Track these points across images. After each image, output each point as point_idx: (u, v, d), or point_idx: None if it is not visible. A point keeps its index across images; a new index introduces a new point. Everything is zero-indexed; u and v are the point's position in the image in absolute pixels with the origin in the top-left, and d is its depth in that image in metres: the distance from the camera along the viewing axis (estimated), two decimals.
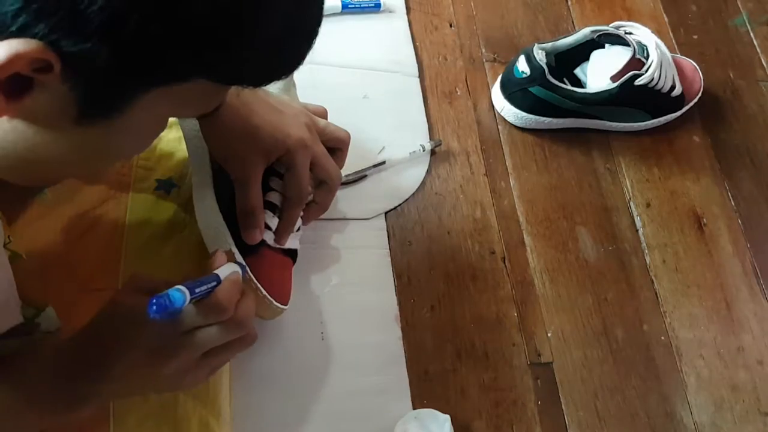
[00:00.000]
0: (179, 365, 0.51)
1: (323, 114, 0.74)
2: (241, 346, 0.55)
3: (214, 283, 0.51)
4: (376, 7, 0.95)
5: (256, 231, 0.65)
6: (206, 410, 0.64)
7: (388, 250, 0.80)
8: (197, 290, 0.48)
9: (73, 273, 0.65)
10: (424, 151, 0.86)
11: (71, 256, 0.65)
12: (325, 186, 0.71)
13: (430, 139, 0.88)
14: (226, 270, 0.54)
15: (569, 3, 1.04)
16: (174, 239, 0.72)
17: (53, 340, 0.54)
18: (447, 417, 0.69)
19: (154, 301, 0.45)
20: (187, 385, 0.54)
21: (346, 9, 0.94)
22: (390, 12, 0.96)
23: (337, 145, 0.72)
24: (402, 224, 0.82)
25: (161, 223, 0.72)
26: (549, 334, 0.79)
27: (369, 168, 0.82)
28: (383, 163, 0.83)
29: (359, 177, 0.82)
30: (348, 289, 0.76)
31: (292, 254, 0.71)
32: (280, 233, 0.68)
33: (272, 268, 0.68)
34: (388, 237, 0.81)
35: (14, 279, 0.51)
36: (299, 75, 0.51)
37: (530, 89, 0.86)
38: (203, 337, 0.51)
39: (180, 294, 0.46)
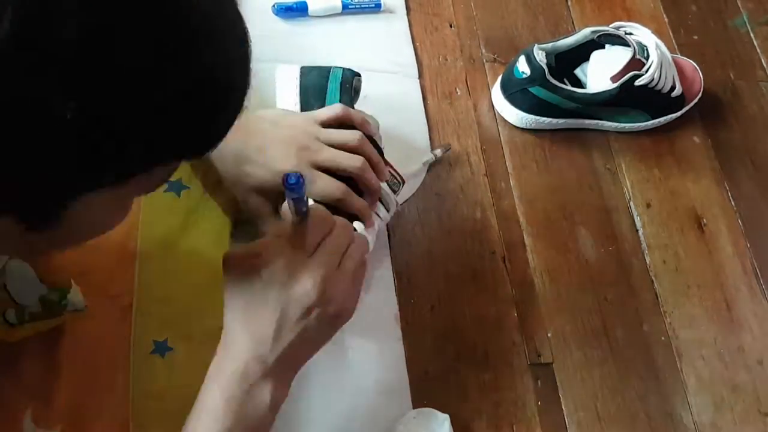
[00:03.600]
0: (327, 286, 0.53)
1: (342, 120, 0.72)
2: (360, 246, 0.58)
3: (308, 199, 0.53)
4: (377, 8, 0.95)
5: None
6: None
7: (388, 250, 0.80)
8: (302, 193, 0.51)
9: (87, 280, 0.64)
10: (436, 158, 0.85)
11: (84, 264, 0.64)
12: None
13: (430, 139, 0.88)
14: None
15: (569, 3, 1.04)
16: (187, 241, 0.72)
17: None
18: (446, 416, 0.68)
19: (294, 178, 0.48)
20: (351, 305, 0.57)
21: (346, 9, 0.94)
22: (390, 12, 0.96)
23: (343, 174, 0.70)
24: (402, 224, 0.82)
25: (174, 225, 0.72)
26: (549, 334, 0.79)
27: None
28: (403, 181, 0.83)
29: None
30: None
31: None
32: None
33: None
34: (388, 237, 0.81)
35: (36, 266, 0.53)
36: None
37: (530, 90, 0.87)
38: (329, 247, 0.54)
39: (297, 173, 0.49)
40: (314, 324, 0.53)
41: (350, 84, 0.78)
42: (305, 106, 0.77)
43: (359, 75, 0.80)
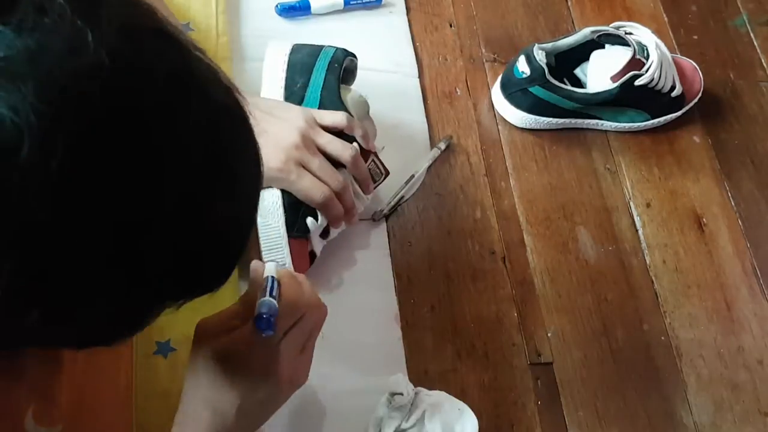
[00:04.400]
0: (289, 370, 0.55)
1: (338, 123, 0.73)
2: (320, 322, 0.59)
3: (275, 283, 0.53)
4: (377, 2, 0.95)
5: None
6: None
7: (388, 250, 0.80)
8: (273, 294, 0.52)
9: None
10: (441, 151, 0.86)
11: None
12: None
13: (430, 139, 0.88)
14: (270, 269, 0.56)
15: (569, 3, 1.04)
16: None
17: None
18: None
19: (264, 318, 0.49)
20: (299, 383, 0.59)
21: (348, 5, 0.94)
22: (390, 9, 0.96)
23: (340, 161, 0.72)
24: (402, 224, 0.82)
25: None
26: (549, 334, 0.79)
27: (403, 188, 0.82)
28: (412, 176, 0.83)
29: (398, 201, 0.82)
30: (348, 289, 0.76)
31: (312, 257, 0.75)
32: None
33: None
34: (388, 237, 0.81)
35: None
36: None
37: (530, 89, 0.87)
38: (296, 334, 0.55)
39: (270, 302, 0.51)
40: (273, 400, 0.56)
41: (339, 64, 0.76)
42: (290, 82, 0.76)
43: (353, 56, 0.79)
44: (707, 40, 1.05)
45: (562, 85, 0.87)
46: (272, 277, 0.54)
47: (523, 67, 0.86)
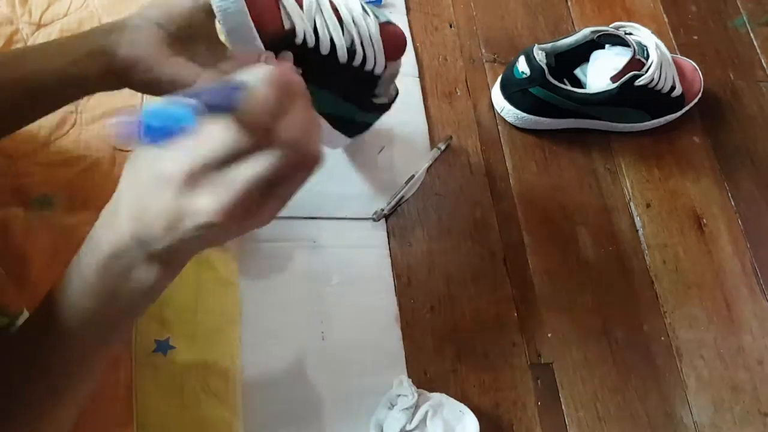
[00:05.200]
0: (235, 210, 0.38)
1: None
2: (309, 173, 0.40)
3: (238, 90, 0.36)
4: (377, 3, 0.95)
5: None
6: (227, 410, 0.65)
7: (388, 250, 0.80)
8: (212, 100, 0.34)
9: None
10: (441, 151, 0.86)
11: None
12: None
13: (430, 139, 0.88)
14: (256, 72, 0.38)
15: (569, 3, 1.04)
16: None
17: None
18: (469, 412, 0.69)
19: (148, 117, 0.31)
20: (258, 225, 0.42)
21: None
22: (390, 9, 0.97)
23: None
24: (402, 224, 0.82)
25: None
26: (549, 335, 0.79)
27: (403, 188, 0.82)
28: (412, 177, 0.83)
29: (398, 201, 0.82)
30: (348, 289, 0.76)
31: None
32: None
33: None
34: (388, 237, 0.81)
35: None
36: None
37: (530, 90, 0.87)
38: (255, 170, 0.38)
39: (176, 103, 0.33)
40: (211, 236, 0.41)
41: None
42: None
43: None
44: (707, 40, 1.05)
45: (562, 86, 0.87)
46: (242, 80, 0.37)
47: (523, 67, 0.86)
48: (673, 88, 0.90)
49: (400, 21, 0.96)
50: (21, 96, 0.57)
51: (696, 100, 0.95)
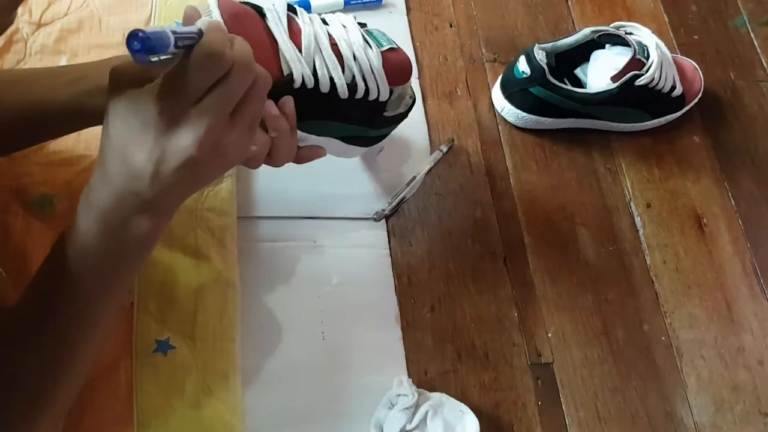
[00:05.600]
0: (209, 137, 0.45)
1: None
2: (261, 89, 0.48)
3: (195, 33, 0.44)
4: (377, 2, 0.95)
5: None
6: (227, 410, 0.65)
7: (388, 250, 0.80)
8: (179, 32, 0.42)
9: None
10: (443, 153, 0.86)
11: None
12: None
13: (430, 139, 0.88)
14: (202, 22, 0.46)
15: (569, 3, 1.04)
16: (188, 241, 0.72)
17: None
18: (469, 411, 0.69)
19: (137, 35, 0.38)
20: (240, 154, 0.49)
21: (348, 5, 0.94)
22: (390, 9, 0.97)
23: None
24: (402, 224, 0.82)
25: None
26: (549, 335, 0.79)
27: (404, 188, 0.82)
28: (414, 178, 0.83)
29: (399, 202, 0.82)
30: (348, 289, 0.76)
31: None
32: None
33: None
34: (388, 237, 0.81)
35: None
36: None
37: (530, 89, 0.86)
38: (218, 96, 0.45)
39: (160, 28, 0.40)
40: (195, 173, 0.46)
41: None
42: None
43: None
44: (707, 40, 1.05)
45: (563, 85, 0.87)
46: (197, 27, 0.44)
47: (523, 67, 0.86)
48: (673, 87, 0.90)
49: (400, 21, 0.96)
50: (28, 122, 0.59)
51: (696, 100, 0.95)
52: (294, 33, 0.57)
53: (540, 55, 0.85)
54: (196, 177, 0.47)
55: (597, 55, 0.90)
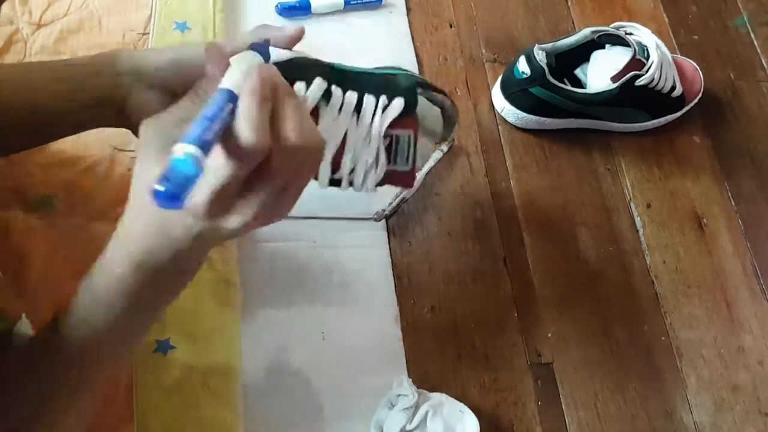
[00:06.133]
0: (257, 222, 0.41)
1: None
2: (309, 175, 0.43)
3: (230, 104, 0.35)
4: (378, 2, 0.95)
5: None
6: (227, 410, 0.65)
7: (388, 251, 0.80)
8: (209, 137, 0.34)
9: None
10: (444, 152, 0.86)
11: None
12: None
13: None
14: (236, 73, 0.37)
15: (569, 3, 1.04)
16: None
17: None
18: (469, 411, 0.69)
19: (161, 193, 0.32)
20: (277, 218, 0.44)
21: (348, 5, 0.94)
22: (390, 9, 0.97)
23: None
24: (402, 224, 0.82)
25: None
26: (549, 335, 0.79)
27: (404, 189, 0.82)
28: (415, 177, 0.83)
29: (400, 202, 0.82)
30: (348, 289, 0.76)
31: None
32: None
33: None
34: (388, 237, 0.81)
35: None
36: None
37: (530, 90, 0.86)
38: (266, 186, 0.39)
39: (190, 160, 0.32)
40: (209, 237, 0.43)
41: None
42: None
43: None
44: (707, 40, 1.05)
45: (563, 86, 0.87)
46: (227, 89, 0.36)
47: (523, 67, 0.86)
48: (673, 88, 0.90)
49: (400, 21, 0.96)
50: (25, 122, 0.58)
51: (696, 100, 0.95)
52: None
53: (540, 56, 0.85)
54: (211, 239, 0.44)
55: (597, 56, 0.90)
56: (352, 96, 0.54)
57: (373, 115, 0.56)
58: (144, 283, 0.43)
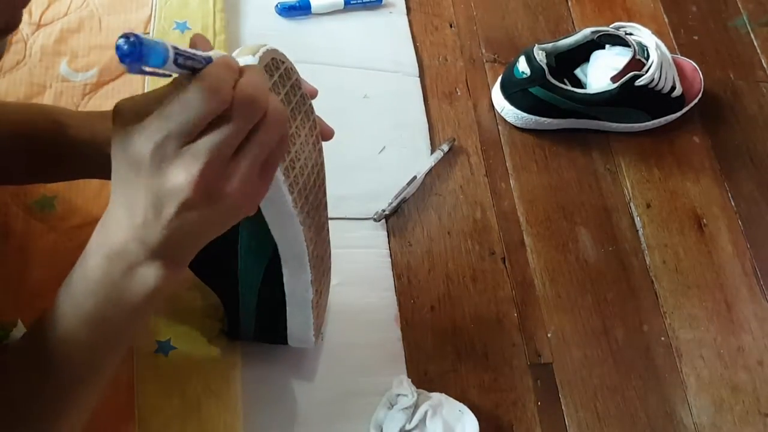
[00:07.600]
0: (207, 178, 0.40)
1: None
2: (272, 130, 0.42)
3: (203, 58, 0.39)
4: (378, 2, 0.95)
5: None
6: (227, 411, 0.65)
7: (388, 250, 0.80)
8: (183, 51, 0.37)
9: None
10: (444, 153, 0.86)
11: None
12: None
13: (431, 139, 0.88)
14: (216, 53, 0.42)
15: (569, 3, 1.04)
16: None
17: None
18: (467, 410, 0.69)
19: (130, 38, 0.33)
20: (251, 199, 0.43)
21: (348, 5, 0.94)
22: (390, 9, 0.97)
23: None
24: (402, 224, 0.82)
25: None
26: (549, 335, 0.79)
27: (405, 188, 0.82)
28: (414, 177, 0.83)
29: (400, 202, 0.82)
30: (348, 289, 0.76)
31: None
32: None
33: None
34: (388, 237, 0.81)
35: None
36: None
37: (530, 90, 0.87)
38: (215, 135, 0.39)
39: (158, 41, 0.35)
40: (198, 219, 0.42)
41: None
42: None
43: None
44: (707, 40, 1.05)
45: (563, 86, 0.87)
46: (208, 55, 0.40)
47: (523, 67, 0.86)
48: (673, 88, 0.90)
49: (400, 21, 0.96)
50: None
51: (696, 100, 0.95)
52: None
53: (540, 56, 0.85)
54: (201, 223, 0.42)
55: (597, 56, 0.90)
56: None
57: None
58: (116, 285, 0.43)
